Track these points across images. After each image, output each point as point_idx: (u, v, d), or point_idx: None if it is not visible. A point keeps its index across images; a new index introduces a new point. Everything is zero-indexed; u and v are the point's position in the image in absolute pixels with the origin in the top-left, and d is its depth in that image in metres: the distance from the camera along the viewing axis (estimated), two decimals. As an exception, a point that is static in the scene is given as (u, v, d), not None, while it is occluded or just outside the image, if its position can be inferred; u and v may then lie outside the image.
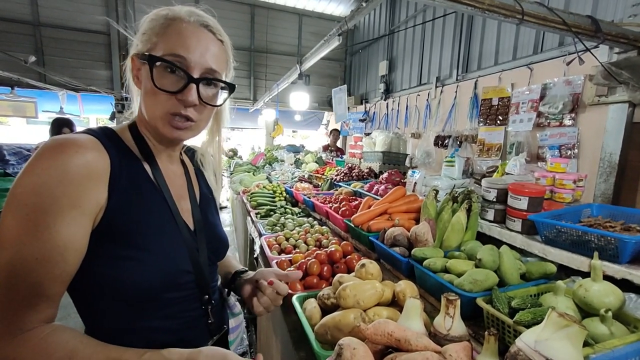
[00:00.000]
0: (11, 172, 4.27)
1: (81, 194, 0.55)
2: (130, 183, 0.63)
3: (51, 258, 0.53)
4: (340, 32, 2.15)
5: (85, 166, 0.56)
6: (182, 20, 0.64)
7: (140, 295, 0.62)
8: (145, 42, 0.65)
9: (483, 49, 3.83)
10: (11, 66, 4.41)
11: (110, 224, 0.59)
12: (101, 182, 0.59)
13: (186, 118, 0.66)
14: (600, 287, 0.88)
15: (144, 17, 0.67)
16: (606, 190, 2.41)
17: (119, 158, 0.63)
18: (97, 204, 0.58)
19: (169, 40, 0.63)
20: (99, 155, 0.59)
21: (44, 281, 0.52)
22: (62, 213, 0.53)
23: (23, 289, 0.51)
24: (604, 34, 1.97)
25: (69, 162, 0.54)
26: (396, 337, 0.80)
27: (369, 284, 1.03)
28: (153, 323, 0.63)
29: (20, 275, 0.51)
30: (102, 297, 0.61)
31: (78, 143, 0.57)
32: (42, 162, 0.53)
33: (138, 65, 0.67)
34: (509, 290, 0.98)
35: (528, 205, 1.24)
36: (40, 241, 0.52)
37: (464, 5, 1.65)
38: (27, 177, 0.53)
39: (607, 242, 0.98)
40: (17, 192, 0.52)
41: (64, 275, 0.55)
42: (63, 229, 0.53)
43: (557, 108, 2.71)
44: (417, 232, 1.33)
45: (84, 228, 0.56)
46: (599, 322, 0.84)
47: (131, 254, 0.61)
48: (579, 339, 0.64)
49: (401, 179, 2.47)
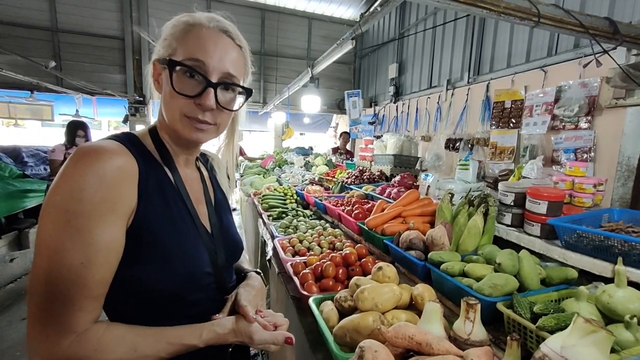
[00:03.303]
0: (29, 174, 4.39)
1: (117, 198, 0.57)
2: (155, 187, 0.65)
3: (96, 261, 0.54)
4: (354, 36, 2.16)
5: (119, 171, 0.58)
6: (202, 26, 0.66)
7: (165, 296, 0.64)
8: (166, 47, 0.66)
9: (495, 51, 3.80)
10: (30, 71, 4.55)
11: (139, 227, 0.61)
12: (133, 186, 0.60)
13: (204, 122, 0.67)
14: (625, 293, 0.87)
15: (166, 24, 0.68)
16: (624, 195, 2.36)
17: (144, 163, 0.64)
18: (130, 207, 0.60)
19: (188, 45, 0.64)
20: (129, 161, 0.61)
21: (90, 284, 0.54)
22: (102, 217, 0.55)
23: (72, 292, 0.53)
24: (623, 36, 1.94)
25: (105, 167, 0.56)
26: (417, 341, 0.79)
27: (387, 287, 1.03)
28: (176, 322, 0.64)
29: (68, 280, 0.52)
30: (129, 297, 0.63)
31: (110, 149, 0.58)
32: (78, 169, 0.54)
33: (159, 70, 0.68)
34: (529, 296, 0.97)
35: (547, 210, 1.22)
36: (84, 246, 0.53)
37: (480, 9, 1.65)
38: (65, 184, 0.54)
39: (632, 248, 0.96)
40: (56, 199, 0.53)
41: (108, 276, 0.57)
42: (104, 232, 0.55)
43: (572, 111, 2.67)
44: (433, 236, 1.33)
45: (121, 230, 0.58)
46: (623, 329, 0.83)
47: (156, 256, 0.62)
48: (606, 345, 0.64)
49: (414, 182, 2.46)
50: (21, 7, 5.40)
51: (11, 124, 10.86)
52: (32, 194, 4.12)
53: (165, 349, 0.59)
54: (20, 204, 3.96)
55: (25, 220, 4.13)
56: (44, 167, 4.66)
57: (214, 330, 0.64)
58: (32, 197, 4.11)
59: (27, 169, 4.46)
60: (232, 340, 0.66)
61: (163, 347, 0.59)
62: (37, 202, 4.15)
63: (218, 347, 0.68)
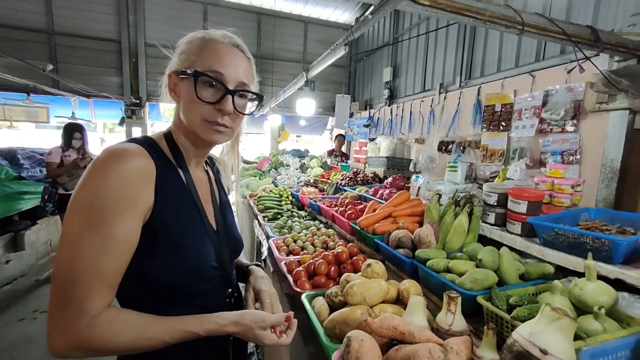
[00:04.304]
0: (25, 176, 4.39)
1: (136, 195, 0.64)
2: (169, 187, 0.72)
3: (113, 252, 0.61)
4: (347, 42, 2.23)
5: (139, 171, 0.65)
6: (217, 42, 0.74)
7: (175, 286, 0.71)
8: (183, 60, 0.74)
9: (486, 56, 3.89)
10: (27, 73, 4.56)
11: (155, 223, 0.67)
12: (151, 185, 0.67)
13: (222, 125, 0.74)
14: (595, 287, 0.93)
15: (180, 40, 0.77)
16: (608, 196, 2.45)
17: (161, 165, 0.71)
18: (147, 205, 0.66)
19: (206, 58, 0.72)
20: (148, 162, 0.68)
21: (107, 272, 0.61)
22: (121, 213, 0.61)
23: (90, 278, 0.59)
24: (603, 43, 2.02)
25: (126, 168, 0.63)
26: (401, 331, 0.85)
27: (375, 282, 1.09)
28: (185, 311, 0.70)
29: (87, 267, 0.59)
30: (142, 286, 0.69)
31: (132, 152, 0.66)
32: (103, 169, 0.61)
33: (175, 81, 0.75)
34: (508, 289, 1.03)
35: (527, 209, 1.29)
36: (104, 237, 0.60)
37: (466, 17, 1.72)
38: (91, 181, 0.61)
39: (602, 244, 1.03)
40: (82, 195, 0.60)
41: (122, 266, 0.63)
42: (122, 226, 0.61)
43: (559, 114, 2.76)
44: (420, 235, 1.39)
45: (137, 225, 0.65)
46: (592, 319, 0.89)
47: (170, 249, 0.69)
48: (570, 331, 0.70)
49: (405, 183, 2.53)
50: (18, 10, 5.42)
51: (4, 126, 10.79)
52: (28, 196, 4.11)
53: (170, 334, 0.65)
54: (16, 206, 3.96)
55: (20, 222, 4.11)
56: (40, 169, 4.65)
57: (215, 322, 0.70)
58: (27, 199, 4.11)
59: (22, 171, 4.44)
60: (232, 331, 0.71)
61: (168, 333, 0.65)
62: (32, 204, 4.14)
63: (220, 337, 0.74)
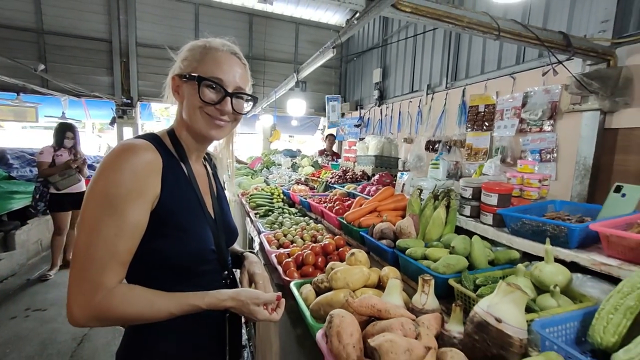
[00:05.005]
0: (15, 176, 4.36)
1: (146, 185, 0.73)
2: (174, 179, 0.81)
3: (126, 234, 0.70)
4: (335, 45, 2.32)
5: (149, 164, 0.74)
6: (217, 50, 0.84)
7: (179, 266, 0.81)
8: (186, 66, 0.83)
9: (470, 59, 4.04)
10: (16, 72, 4.54)
11: (161, 209, 0.76)
12: (158, 176, 0.76)
13: (222, 120, 0.84)
14: (552, 268, 1.04)
15: (183, 47, 0.87)
16: (582, 191, 2.60)
17: (166, 159, 0.80)
18: (155, 194, 0.75)
19: (207, 65, 0.82)
20: (156, 156, 0.77)
21: (120, 251, 0.70)
22: (133, 200, 0.70)
23: (106, 257, 0.68)
24: (574, 48, 2.16)
25: (137, 161, 0.72)
26: (378, 308, 0.95)
27: (357, 268, 1.18)
28: (186, 289, 0.79)
29: (103, 247, 0.67)
30: (148, 264, 0.78)
31: (143, 147, 0.75)
32: (119, 161, 0.70)
33: (178, 83, 0.85)
34: (478, 273, 1.14)
35: (498, 201, 1.40)
36: (118, 221, 0.68)
37: (446, 23, 1.83)
38: (106, 172, 0.70)
39: (560, 231, 1.14)
40: (99, 184, 0.69)
41: (133, 247, 0.73)
42: (134, 212, 0.70)
43: (537, 115, 2.90)
44: (401, 226, 1.49)
45: (146, 212, 0.74)
46: (549, 297, 1.00)
47: (174, 233, 0.79)
48: (522, 302, 0.80)
49: (391, 180, 2.64)
50: (5, 9, 5.38)
51: (-8, 126, 10.59)
52: (18, 195, 4.10)
53: (175, 306, 0.75)
54: (7, 206, 3.94)
55: (10, 223, 4.10)
56: (30, 169, 4.63)
57: (215, 296, 0.80)
58: (18, 199, 4.10)
59: (12, 171, 4.42)
60: (230, 305, 0.81)
61: (173, 305, 0.74)
62: (23, 203, 4.13)
63: (217, 313, 0.84)
